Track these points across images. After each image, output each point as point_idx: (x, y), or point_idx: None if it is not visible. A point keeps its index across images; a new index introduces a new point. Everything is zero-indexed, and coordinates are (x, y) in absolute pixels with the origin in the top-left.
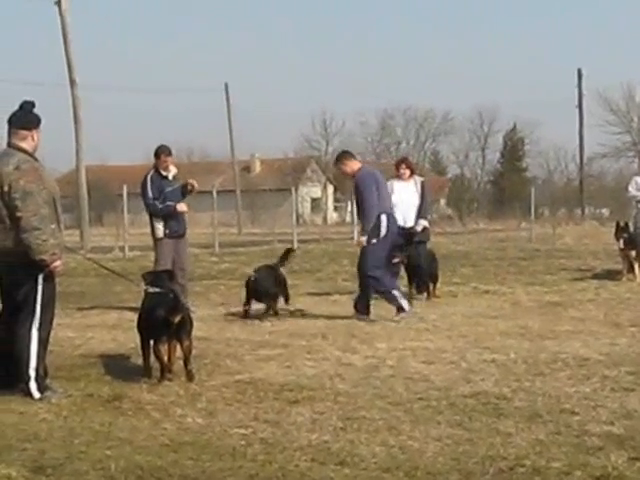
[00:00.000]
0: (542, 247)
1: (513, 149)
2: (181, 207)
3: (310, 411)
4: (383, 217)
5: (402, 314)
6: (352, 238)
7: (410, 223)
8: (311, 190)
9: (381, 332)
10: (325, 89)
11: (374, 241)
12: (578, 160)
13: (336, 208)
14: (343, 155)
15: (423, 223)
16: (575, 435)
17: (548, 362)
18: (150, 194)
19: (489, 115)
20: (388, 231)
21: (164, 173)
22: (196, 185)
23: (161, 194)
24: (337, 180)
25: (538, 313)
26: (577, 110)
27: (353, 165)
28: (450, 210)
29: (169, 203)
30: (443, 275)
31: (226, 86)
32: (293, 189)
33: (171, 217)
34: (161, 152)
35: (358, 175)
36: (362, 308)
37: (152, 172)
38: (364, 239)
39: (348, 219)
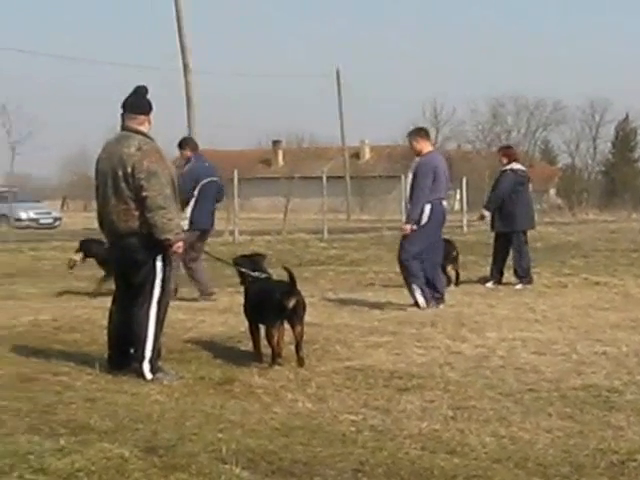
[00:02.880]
0: None
1: (625, 139)
2: None
3: (420, 399)
4: (427, 207)
5: (416, 308)
6: (460, 227)
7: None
8: None
9: (491, 321)
10: (436, 76)
11: (414, 227)
12: None
13: None
14: (419, 132)
15: (482, 212)
16: None
17: None
18: None
19: (601, 105)
20: (429, 221)
21: None
22: None
23: None
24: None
25: None
26: None
27: (424, 145)
28: (560, 200)
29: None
30: (553, 266)
31: (337, 72)
32: (402, 176)
33: None
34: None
35: (422, 159)
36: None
37: None
38: (408, 227)
39: (457, 207)
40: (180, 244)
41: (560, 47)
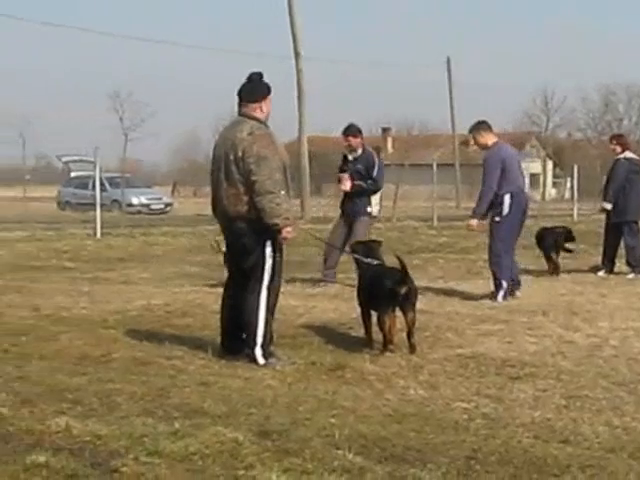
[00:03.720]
0: None
1: None
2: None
3: (532, 388)
4: (506, 197)
5: (490, 301)
6: (571, 215)
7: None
8: (530, 166)
9: (603, 311)
10: (547, 63)
11: (497, 219)
12: None
13: (555, 184)
14: (481, 125)
15: (603, 205)
16: None
17: None
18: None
19: None
20: (510, 211)
21: (347, 153)
22: (344, 187)
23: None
24: (557, 156)
25: None
26: None
27: (488, 138)
28: None
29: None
30: None
31: (448, 60)
32: None
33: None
34: (343, 132)
35: (488, 153)
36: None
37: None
38: (474, 222)
39: (567, 195)
40: (289, 229)
41: None
